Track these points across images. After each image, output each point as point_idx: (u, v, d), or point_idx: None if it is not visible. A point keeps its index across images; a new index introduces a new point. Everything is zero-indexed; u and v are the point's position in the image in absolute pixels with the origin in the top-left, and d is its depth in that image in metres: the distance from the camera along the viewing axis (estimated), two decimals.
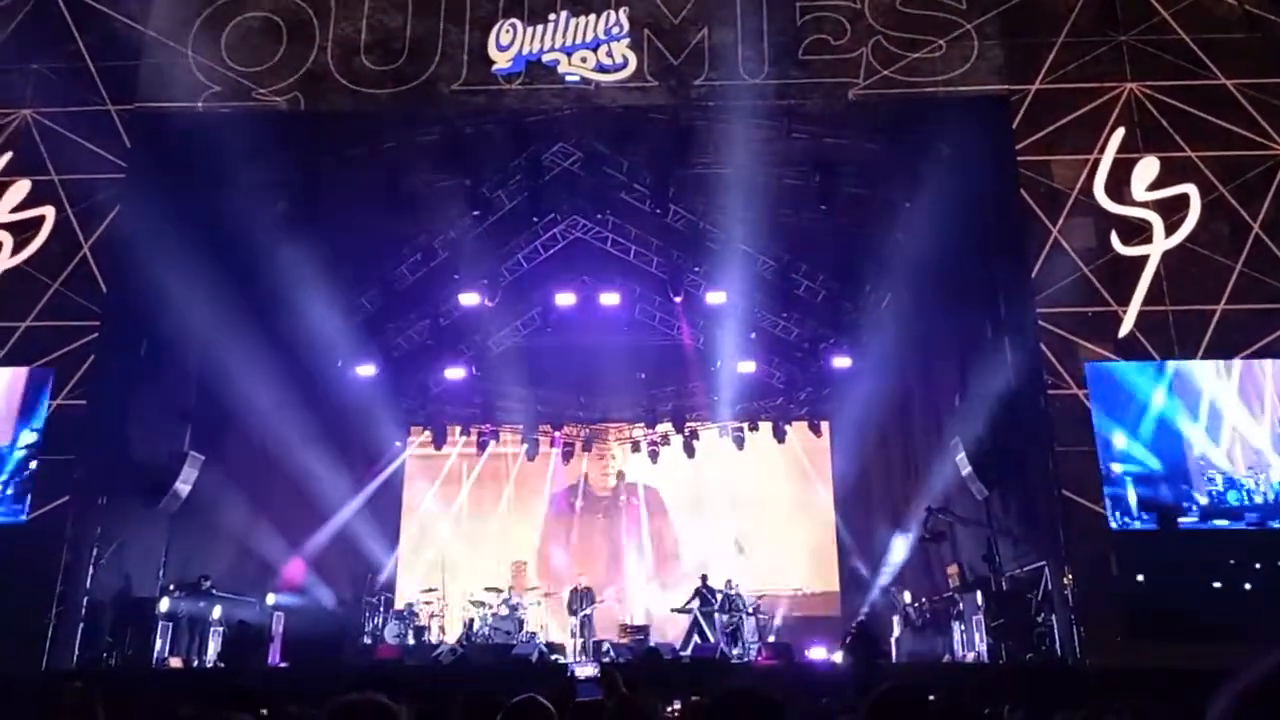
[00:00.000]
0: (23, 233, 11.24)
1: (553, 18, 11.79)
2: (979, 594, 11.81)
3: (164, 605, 11.87)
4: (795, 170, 13.87)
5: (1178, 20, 11.28)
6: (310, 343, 15.39)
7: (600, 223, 16.64)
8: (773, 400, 19.50)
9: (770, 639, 15.12)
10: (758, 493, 19.65)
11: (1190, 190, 10.77)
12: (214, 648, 12.59)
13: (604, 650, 14.27)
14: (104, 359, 10.97)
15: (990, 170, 11.64)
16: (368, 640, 15.09)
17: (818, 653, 14.05)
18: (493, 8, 11.87)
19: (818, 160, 13.42)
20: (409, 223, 15.32)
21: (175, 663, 11.72)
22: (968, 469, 12.33)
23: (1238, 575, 9.12)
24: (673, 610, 17.08)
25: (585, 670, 10.90)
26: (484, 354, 18.75)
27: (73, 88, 11.63)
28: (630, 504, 20.26)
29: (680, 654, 13.99)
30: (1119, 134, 10.99)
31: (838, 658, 13.49)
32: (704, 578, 15.96)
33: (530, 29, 11.76)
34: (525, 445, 19.90)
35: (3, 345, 10.90)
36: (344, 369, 16.95)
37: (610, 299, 17.47)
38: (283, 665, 13.19)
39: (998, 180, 11.51)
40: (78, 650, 10.55)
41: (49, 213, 11.28)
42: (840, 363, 17.36)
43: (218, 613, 12.74)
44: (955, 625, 12.47)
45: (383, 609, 15.79)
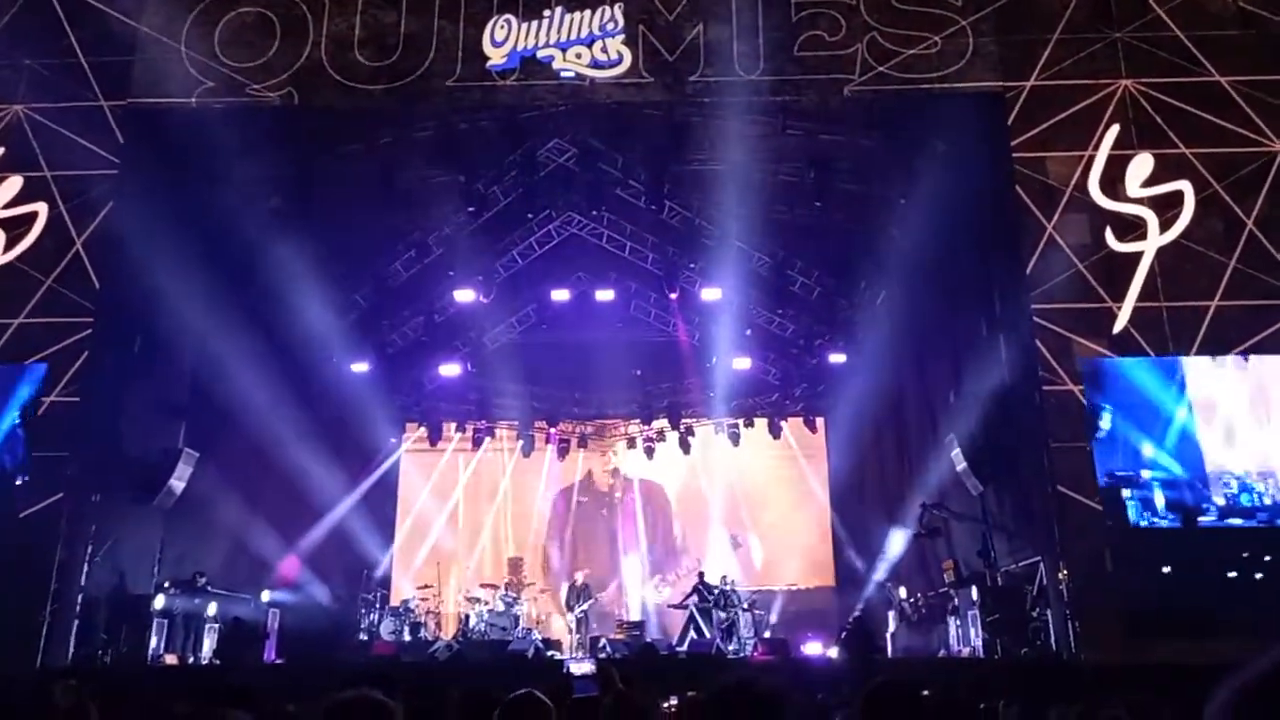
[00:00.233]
0: (15, 229, 11.20)
1: (547, 13, 11.76)
2: (974, 589, 11.83)
3: (159, 602, 11.84)
4: (790, 166, 13.87)
5: (1172, 17, 11.30)
6: (305, 339, 15.37)
7: (595, 219, 16.61)
8: (768, 396, 19.51)
9: (766, 634, 15.15)
10: (753, 489, 19.69)
11: (1185, 187, 10.79)
12: (209, 644, 12.55)
13: (600, 646, 14.28)
14: (97, 355, 10.93)
15: (985, 166, 11.64)
16: (363, 637, 15.06)
17: (813, 648, 14.06)
18: (487, 3, 11.83)
19: (813, 157, 13.41)
20: (403, 219, 15.29)
21: (170, 660, 11.69)
22: (963, 465, 12.36)
23: (1241, 571, 9.60)
24: (669, 606, 17.11)
25: (582, 667, 10.90)
26: (479, 350, 18.73)
27: (66, 83, 11.57)
28: (626, 500, 20.27)
29: (676, 650, 14.02)
30: (1114, 130, 11.01)
31: (833, 653, 13.51)
32: (701, 574, 15.97)
33: (525, 25, 11.73)
34: (521, 442, 19.90)
35: None
36: (339, 365, 16.92)
37: (605, 295, 17.48)
38: (278, 662, 13.16)
39: (993, 176, 11.52)
40: (72, 647, 10.53)
41: (42, 209, 11.23)
42: (835, 359, 17.40)
43: (213, 609, 12.70)
44: (950, 620, 12.49)
45: (378, 605, 15.76)
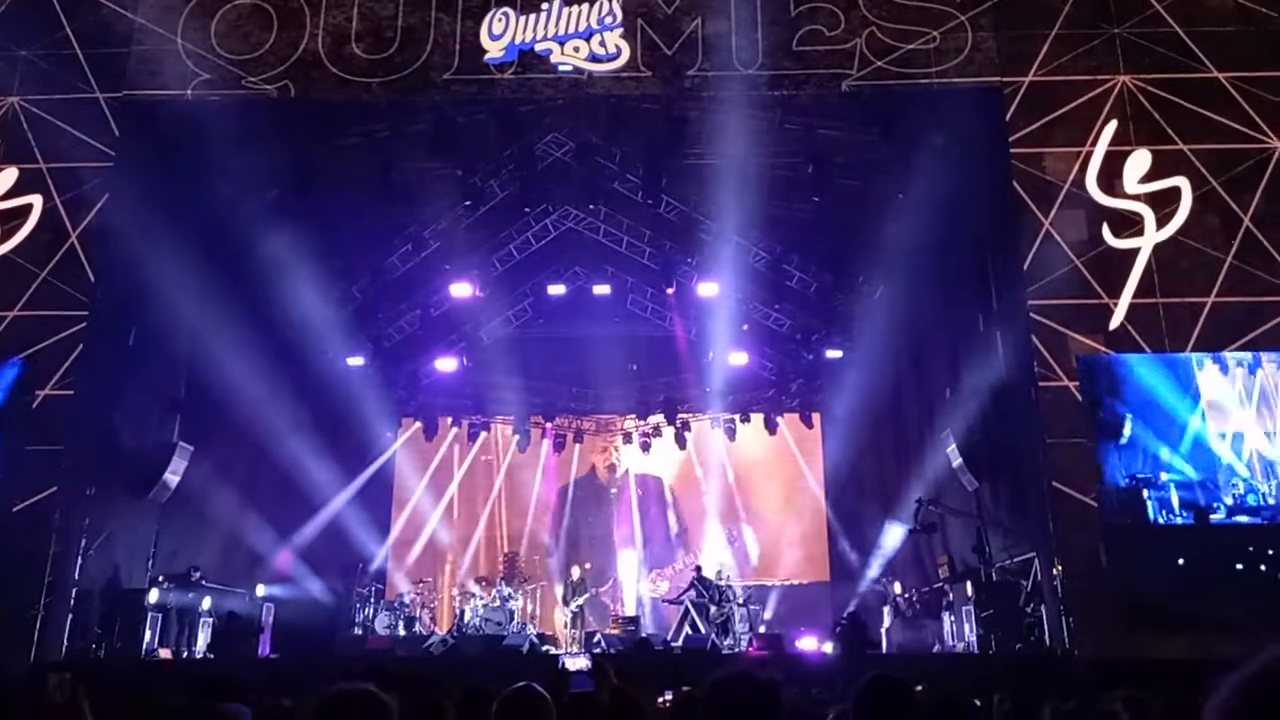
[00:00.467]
0: (9, 221, 11.15)
1: (545, 7, 11.72)
2: (969, 584, 11.85)
3: (153, 596, 11.81)
4: (788, 161, 13.85)
5: (1171, 13, 11.29)
6: (300, 333, 15.33)
7: (592, 213, 16.58)
8: (764, 391, 19.52)
9: (761, 629, 15.17)
10: (749, 484, 19.70)
11: (1182, 183, 10.79)
12: (203, 639, 12.54)
13: (595, 641, 14.29)
14: (92, 349, 10.88)
15: (983, 162, 11.63)
16: (358, 631, 15.06)
17: (808, 643, 14.07)
18: None
19: (810, 151, 13.39)
20: (400, 212, 15.23)
21: (164, 654, 11.66)
22: (958, 460, 12.38)
23: (1246, 565, 9.93)
24: (665, 601, 17.12)
25: (577, 662, 10.89)
26: (475, 345, 18.70)
27: (61, 75, 11.52)
28: (622, 495, 20.28)
29: (671, 645, 14.02)
30: (1111, 127, 11.00)
31: (828, 648, 13.53)
32: (698, 569, 15.99)
33: (523, 18, 11.69)
34: (517, 436, 19.90)
35: None
36: (334, 359, 16.88)
37: (602, 290, 17.46)
38: (273, 656, 13.15)
39: (990, 172, 11.51)
40: (66, 641, 10.50)
41: (36, 201, 11.18)
42: (832, 354, 17.40)
43: (207, 604, 12.68)
44: (945, 616, 12.51)
45: (373, 600, 15.75)
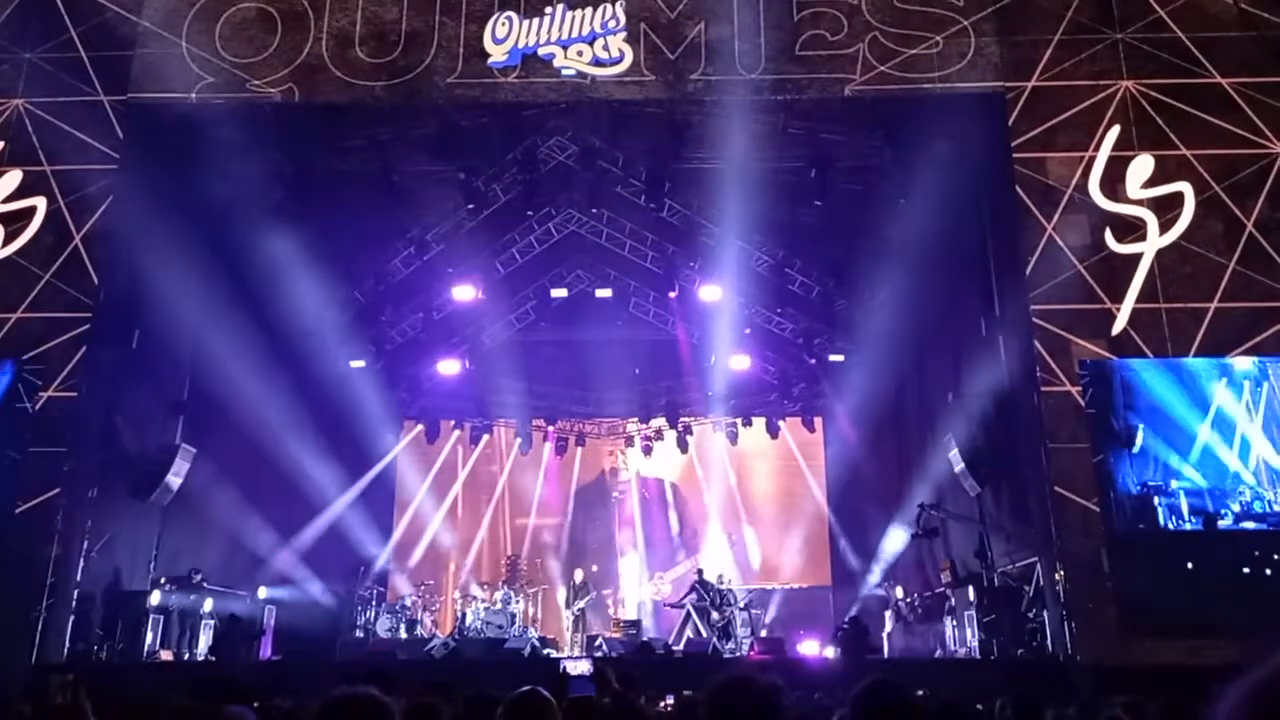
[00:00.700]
0: (14, 223, 11.18)
1: (549, 11, 11.75)
2: (971, 589, 11.83)
3: (155, 598, 11.82)
4: (791, 166, 13.83)
5: (1174, 19, 11.29)
6: (303, 335, 15.34)
7: (595, 217, 16.57)
8: (766, 395, 19.49)
9: (762, 634, 15.14)
10: (751, 488, 19.68)
11: (1185, 188, 10.79)
12: (205, 641, 12.54)
13: (596, 644, 14.26)
14: (95, 351, 10.92)
15: (985, 167, 11.63)
16: (360, 634, 15.05)
17: (810, 647, 14.05)
18: (489, 0, 11.82)
19: (813, 156, 13.38)
20: (403, 215, 15.25)
21: (166, 656, 11.67)
22: (960, 465, 12.35)
23: (1252, 570, 10.04)
24: (666, 605, 17.08)
25: (578, 666, 10.87)
26: (478, 348, 18.70)
27: (66, 78, 11.55)
28: (624, 498, 20.27)
29: (673, 649, 14.00)
30: (1114, 131, 11.01)
31: (830, 652, 13.51)
32: (700, 572, 15.97)
33: (526, 22, 11.72)
34: (519, 439, 19.89)
35: None
36: (337, 362, 16.88)
37: (604, 293, 17.45)
38: (274, 659, 13.15)
39: (993, 177, 11.51)
40: (68, 643, 10.52)
41: (40, 203, 11.22)
42: (834, 359, 17.37)
43: (209, 606, 12.69)
44: (947, 620, 12.49)
45: (375, 602, 15.73)
